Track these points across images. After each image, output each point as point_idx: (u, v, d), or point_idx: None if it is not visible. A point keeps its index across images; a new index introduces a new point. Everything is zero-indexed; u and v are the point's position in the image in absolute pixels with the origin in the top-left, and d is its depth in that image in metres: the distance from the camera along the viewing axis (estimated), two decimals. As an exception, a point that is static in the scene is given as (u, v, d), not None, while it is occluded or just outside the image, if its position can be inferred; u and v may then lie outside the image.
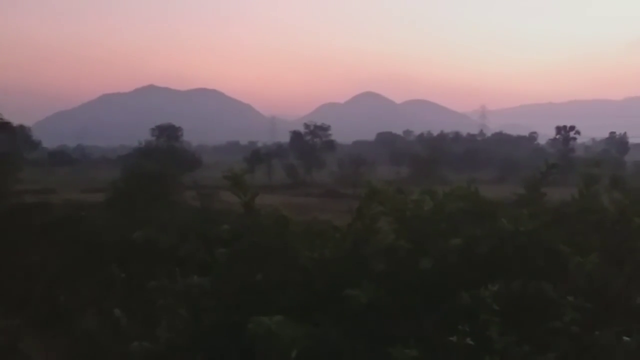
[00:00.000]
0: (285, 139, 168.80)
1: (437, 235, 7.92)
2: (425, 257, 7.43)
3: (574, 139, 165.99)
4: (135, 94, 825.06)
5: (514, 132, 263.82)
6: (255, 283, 7.85)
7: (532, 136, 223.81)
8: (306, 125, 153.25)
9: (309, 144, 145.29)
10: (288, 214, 8.93)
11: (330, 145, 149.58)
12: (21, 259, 20.54)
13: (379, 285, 7.34)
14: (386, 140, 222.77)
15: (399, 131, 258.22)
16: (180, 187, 57.16)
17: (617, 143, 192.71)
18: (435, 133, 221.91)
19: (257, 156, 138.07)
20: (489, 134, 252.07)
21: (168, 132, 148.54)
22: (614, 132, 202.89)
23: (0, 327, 17.20)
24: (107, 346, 11.02)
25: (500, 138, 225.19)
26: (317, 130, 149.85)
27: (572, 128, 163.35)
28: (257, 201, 8.89)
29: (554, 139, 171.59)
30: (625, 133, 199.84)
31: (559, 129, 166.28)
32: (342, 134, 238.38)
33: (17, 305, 18.63)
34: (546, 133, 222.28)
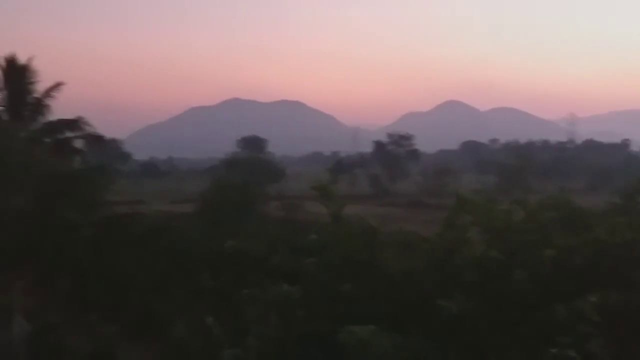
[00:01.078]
0: (368, 149, 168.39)
1: (529, 246, 7.74)
2: (518, 268, 7.27)
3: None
4: (221, 107, 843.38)
5: (605, 139, 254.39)
6: (343, 293, 7.88)
7: (625, 143, 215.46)
8: (389, 135, 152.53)
9: (392, 153, 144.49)
10: (375, 225, 8.92)
11: (414, 154, 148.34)
12: (116, 267, 21.31)
13: (471, 296, 7.23)
14: (471, 149, 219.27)
15: (484, 140, 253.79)
16: (265, 198, 57.93)
17: None
18: (522, 141, 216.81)
19: (340, 166, 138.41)
20: (578, 141, 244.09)
21: (253, 144, 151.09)
22: None
23: (98, 334, 17.88)
24: (199, 353, 11.26)
25: (591, 146, 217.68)
26: (401, 140, 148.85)
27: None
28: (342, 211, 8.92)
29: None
30: None
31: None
32: (426, 143, 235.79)
33: (113, 312, 19.33)
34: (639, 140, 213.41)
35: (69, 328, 18.10)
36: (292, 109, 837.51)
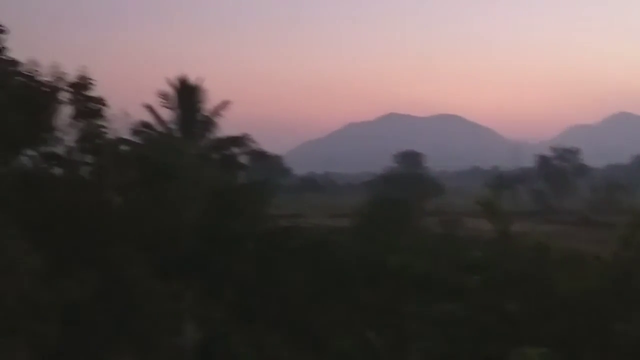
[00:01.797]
0: (529, 163, 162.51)
1: None
2: None
3: None
4: (378, 122, 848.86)
5: None
6: (511, 312, 7.56)
7: None
8: (553, 149, 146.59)
9: (557, 168, 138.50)
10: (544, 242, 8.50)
11: (581, 169, 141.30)
12: (278, 278, 21.94)
13: (654, 322, 6.68)
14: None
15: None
16: (422, 213, 57.49)
17: None
18: None
19: (501, 181, 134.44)
20: None
21: (410, 159, 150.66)
22: None
23: (263, 343, 18.43)
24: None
25: None
26: (566, 154, 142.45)
27: None
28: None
29: None
30: None
31: None
32: (594, 158, 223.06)
33: (276, 323, 19.86)
34: None
35: (236, 337, 18.79)
36: (449, 123, 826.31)
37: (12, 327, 13.79)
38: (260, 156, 32.29)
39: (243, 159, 31.15)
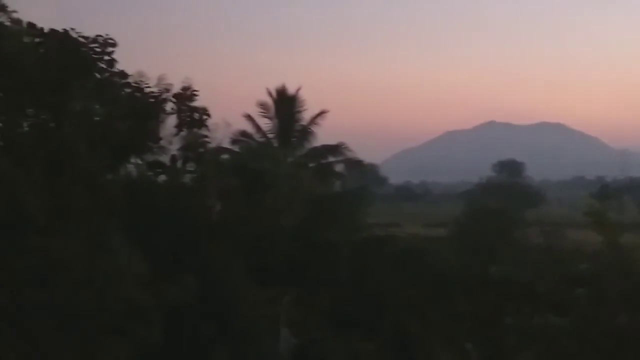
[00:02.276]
0: (638, 173, 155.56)
1: None
2: None
3: None
4: (477, 130, 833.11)
5: None
6: (620, 327, 7.20)
7: None
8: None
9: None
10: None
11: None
12: (373, 287, 21.87)
13: None
14: None
15: None
16: (523, 224, 55.80)
17: None
18: None
19: (606, 191, 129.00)
20: None
21: (509, 168, 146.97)
22: None
23: (357, 351, 18.40)
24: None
25: None
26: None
27: None
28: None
29: None
30: None
31: None
32: None
33: (370, 330, 19.80)
34: None
35: (331, 343, 18.85)
36: (552, 131, 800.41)
37: (117, 329, 14.30)
38: (356, 165, 32.30)
39: (339, 168, 31.27)
